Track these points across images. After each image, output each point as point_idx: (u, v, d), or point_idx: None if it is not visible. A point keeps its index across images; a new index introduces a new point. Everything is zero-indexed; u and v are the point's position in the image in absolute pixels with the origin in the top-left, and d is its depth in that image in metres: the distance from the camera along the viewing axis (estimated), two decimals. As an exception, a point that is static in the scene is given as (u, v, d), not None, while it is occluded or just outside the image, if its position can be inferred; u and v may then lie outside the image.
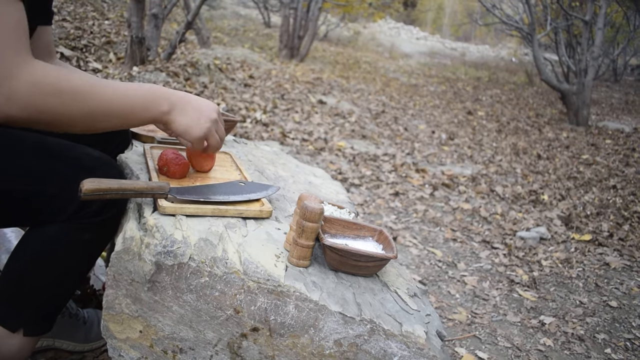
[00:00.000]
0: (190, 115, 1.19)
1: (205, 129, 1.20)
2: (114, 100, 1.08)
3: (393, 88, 9.88)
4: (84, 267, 1.25)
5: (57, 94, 1.00)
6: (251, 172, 1.51)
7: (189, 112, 1.19)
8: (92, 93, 1.05)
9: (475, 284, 2.81)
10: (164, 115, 1.16)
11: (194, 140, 1.21)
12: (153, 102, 1.14)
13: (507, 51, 23.71)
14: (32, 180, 1.11)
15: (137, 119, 1.13)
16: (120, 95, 1.09)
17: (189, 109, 1.19)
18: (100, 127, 1.10)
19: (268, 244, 1.14)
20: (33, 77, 0.97)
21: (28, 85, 0.96)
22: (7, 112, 0.96)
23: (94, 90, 1.06)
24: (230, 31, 13.25)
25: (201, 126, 1.20)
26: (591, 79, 7.86)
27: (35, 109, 0.98)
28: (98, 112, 1.07)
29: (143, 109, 1.13)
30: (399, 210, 3.76)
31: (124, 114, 1.10)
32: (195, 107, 1.20)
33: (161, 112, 1.16)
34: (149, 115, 1.15)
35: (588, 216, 4.03)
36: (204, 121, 1.20)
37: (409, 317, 1.10)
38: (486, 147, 6.20)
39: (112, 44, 5.95)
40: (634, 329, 2.53)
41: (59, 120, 1.02)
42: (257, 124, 5.20)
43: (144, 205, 1.16)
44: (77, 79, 1.04)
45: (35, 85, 0.97)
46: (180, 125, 1.18)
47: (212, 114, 1.22)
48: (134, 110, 1.12)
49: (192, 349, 1.09)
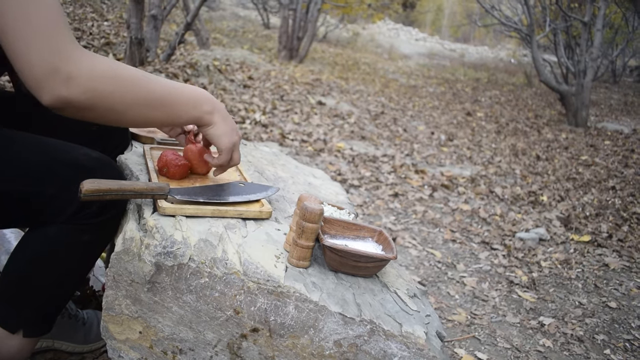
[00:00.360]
0: (228, 124, 1.21)
1: (235, 141, 1.23)
2: (166, 91, 1.10)
3: (392, 89, 9.88)
4: (83, 268, 1.25)
5: (115, 79, 1.01)
6: (251, 173, 1.51)
7: (228, 121, 1.21)
8: (146, 81, 1.07)
9: (474, 284, 2.81)
10: (207, 115, 1.18)
11: (226, 148, 1.22)
12: (200, 101, 1.16)
13: (506, 52, 23.74)
14: (31, 181, 1.11)
15: (185, 113, 1.14)
16: (170, 87, 1.11)
17: (227, 118, 1.22)
18: (152, 117, 1.10)
19: (268, 245, 1.14)
20: (90, 61, 0.97)
21: (87, 70, 0.96)
22: (68, 95, 0.95)
23: (147, 78, 1.07)
24: (230, 32, 13.26)
25: (233, 137, 1.22)
26: (590, 80, 7.86)
27: (95, 92, 0.98)
28: (153, 100, 1.08)
29: (190, 105, 1.15)
30: (398, 211, 3.76)
31: (174, 105, 1.12)
32: (231, 120, 1.23)
33: (205, 112, 1.17)
34: (195, 113, 1.16)
35: (587, 217, 4.03)
36: (235, 134, 1.23)
37: (408, 318, 1.10)
38: (485, 148, 6.20)
39: (111, 45, 5.95)
40: (633, 330, 2.53)
41: (116, 106, 1.02)
42: (257, 125, 5.20)
43: (144, 206, 1.16)
44: (128, 67, 1.05)
45: (93, 69, 0.97)
46: (218, 130, 1.20)
47: (239, 131, 1.26)
48: (182, 103, 1.13)
49: (192, 350, 1.09)
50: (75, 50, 0.96)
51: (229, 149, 1.23)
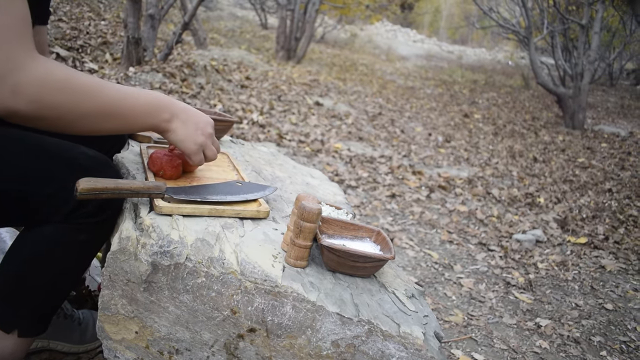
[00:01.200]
0: (188, 127, 1.19)
1: (201, 142, 1.21)
2: (120, 101, 1.08)
3: (390, 90, 9.89)
4: (79, 267, 1.24)
5: (65, 90, 0.98)
6: (248, 173, 1.51)
7: (188, 122, 1.19)
8: (98, 92, 1.04)
9: (471, 286, 2.81)
10: (164, 123, 1.16)
11: (191, 151, 1.21)
12: (156, 109, 1.15)
13: (504, 54, 23.78)
14: (28, 180, 1.10)
15: (140, 123, 1.13)
16: (125, 97, 1.09)
17: (186, 119, 1.20)
18: (104, 128, 1.09)
19: (265, 245, 1.13)
20: (40, 71, 0.95)
21: (35, 79, 0.94)
22: (13, 107, 0.94)
23: (100, 89, 1.05)
24: (227, 32, 13.25)
25: (197, 139, 1.21)
26: (587, 82, 7.88)
27: (42, 104, 0.96)
28: (104, 112, 1.05)
29: (146, 114, 1.13)
30: (396, 212, 3.76)
31: (128, 116, 1.10)
32: (193, 121, 1.21)
33: (162, 119, 1.16)
34: (151, 122, 1.14)
35: (584, 219, 4.04)
36: (200, 133, 1.21)
37: (406, 318, 1.09)
38: (482, 149, 6.20)
39: (108, 45, 5.94)
40: (630, 332, 2.53)
41: (65, 117, 1.01)
42: (254, 125, 5.20)
43: (140, 205, 1.15)
44: (84, 76, 1.03)
45: (42, 80, 0.95)
46: (178, 135, 1.19)
47: (207, 128, 1.23)
48: (137, 113, 1.11)
49: (189, 350, 1.08)
50: (27, 58, 0.94)
51: (195, 151, 1.21)
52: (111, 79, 4.76)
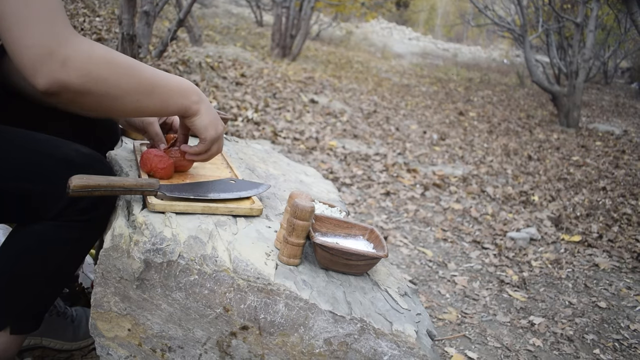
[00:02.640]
0: (211, 116, 1.22)
1: (220, 132, 1.24)
2: (157, 79, 1.10)
3: (385, 88, 9.89)
4: (72, 264, 1.24)
5: (111, 64, 1.01)
6: (242, 170, 1.51)
7: (211, 113, 1.22)
8: (138, 68, 1.07)
9: (465, 284, 2.81)
10: (194, 105, 1.18)
11: (211, 138, 1.23)
12: (187, 89, 1.17)
13: (499, 52, 23.82)
14: (20, 177, 1.10)
15: (174, 102, 1.15)
16: (160, 75, 1.12)
17: (210, 109, 1.22)
18: (145, 104, 1.10)
19: (258, 242, 1.13)
20: (85, 46, 0.97)
21: (83, 53, 0.96)
22: (65, 79, 0.95)
23: (139, 65, 1.08)
24: (222, 29, 13.22)
25: (218, 128, 1.24)
26: (582, 81, 7.90)
27: (90, 77, 0.97)
28: (145, 88, 1.07)
29: (180, 93, 1.15)
30: (390, 209, 3.76)
31: (165, 93, 1.12)
32: (213, 111, 1.24)
33: (192, 101, 1.18)
34: (185, 101, 1.16)
35: (578, 217, 4.05)
36: (220, 124, 1.24)
37: (399, 316, 1.09)
38: (477, 147, 6.21)
39: (103, 41, 5.92)
40: (623, 330, 2.54)
41: (110, 92, 1.02)
42: (249, 122, 5.19)
43: (133, 202, 1.15)
44: (121, 54, 1.06)
45: (89, 53, 0.97)
46: (204, 121, 1.20)
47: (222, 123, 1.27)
48: (173, 92, 1.14)
49: (181, 348, 1.08)
50: (72, 34, 0.96)
51: (214, 139, 1.24)
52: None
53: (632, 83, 16.13)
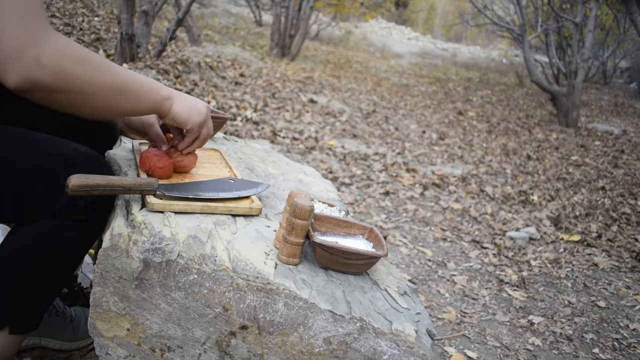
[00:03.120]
0: (188, 103, 1.22)
1: (204, 115, 1.25)
2: (128, 77, 1.10)
3: (384, 88, 9.89)
4: (71, 264, 1.24)
5: (83, 62, 1.00)
6: (241, 170, 1.50)
7: (187, 100, 1.22)
8: (111, 67, 1.06)
9: (464, 283, 2.81)
10: (165, 101, 1.18)
11: (196, 125, 1.24)
12: (156, 86, 1.17)
13: (498, 52, 23.81)
14: (19, 177, 1.09)
15: (146, 100, 1.14)
16: (132, 74, 1.12)
17: (185, 98, 1.22)
18: (117, 103, 1.09)
19: (257, 242, 1.13)
20: (60, 43, 0.96)
21: (57, 50, 0.95)
22: (37, 77, 0.94)
23: (112, 64, 1.07)
24: (221, 29, 13.21)
25: (200, 111, 1.24)
26: (581, 80, 7.90)
27: (63, 74, 0.96)
28: (117, 86, 1.07)
29: (151, 90, 1.15)
30: (389, 209, 3.76)
31: (137, 92, 1.11)
32: (189, 97, 1.24)
33: (164, 97, 1.17)
34: (155, 98, 1.16)
35: (577, 217, 4.05)
36: (201, 106, 1.25)
37: (399, 316, 1.09)
38: (476, 147, 6.21)
39: (101, 41, 5.91)
40: (622, 329, 2.54)
41: (84, 90, 1.01)
42: (248, 122, 5.19)
43: (132, 201, 1.15)
44: (95, 53, 1.05)
45: (63, 50, 0.96)
46: (181, 112, 1.20)
47: (205, 105, 1.27)
48: (145, 90, 1.13)
49: (180, 347, 1.08)
50: (47, 30, 0.95)
51: (200, 123, 1.25)
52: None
53: (631, 83, 16.14)
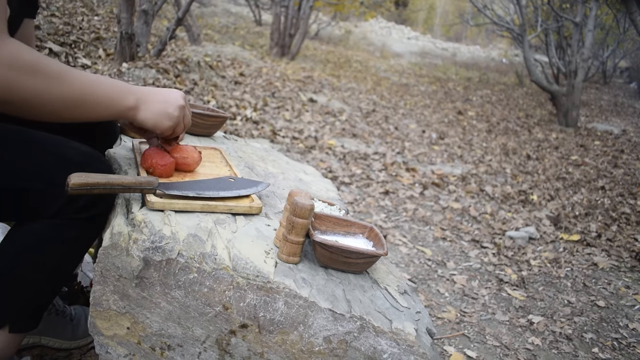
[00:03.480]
0: (157, 107, 1.18)
1: (175, 118, 1.21)
2: (85, 89, 1.06)
3: (384, 87, 9.88)
4: (71, 263, 1.24)
5: (33, 74, 0.97)
6: (241, 169, 1.50)
7: (155, 103, 1.18)
8: (65, 78, 1.03)
9: (464, 282, 2.81)
10: (130, 110, 1.15)
11: (164, 130, 1.20)
12: (121, 95, 1.13)
13: (498, 52, 23.81)
14: (19, 176, 1.09)
15: (104, 111, 1.11)
16: (90, 84, 1.08)
17: (154, 100, 1.18)
18: (68, 115, 1.07)
19: (258, 240, 1.13)
20: (9, 53, 0.94)
21: (9, 58, 0.93)
22: None
23: (67, 75, 1.03)
24: (221, 28, 13.21)
25: (170, 116, 1.20)
26: (581, 80, 7.90)
27: (8, 87, 0.95)
28: (70, 99, 1.04)
29: (111, 101, 1.11)
30: (389, 208, 3.76)
31: (93, 104, 1.08)
32: (161, 100, 1.19)
33: (127, 107, 1.14)
34: (116, 109, 1.13)
35: (577, 216, 4.05)
36: (172, 110, 1.20)
37: (399, 315, 1.09)
38: (476, 147, 6.21)
39: (101, 40, 5.91)
40: (621, 329, 2.54)
41: (31, 102, 0.99)
42: (248, 121, 5.19)
43: (132, 200, 1.15)
44: (52, 61, 1.02)
45: (11, 63, 0.94)
46: (149, 120, 1.17)
47: (179, 100, 1.22)
48: (102, 102, 1.10)
49: (181, 346, 1.08)
50: None
51: (170, 127, 1.21)
52: (104, 74, 4.73)
53: (630, 82, 16.14)
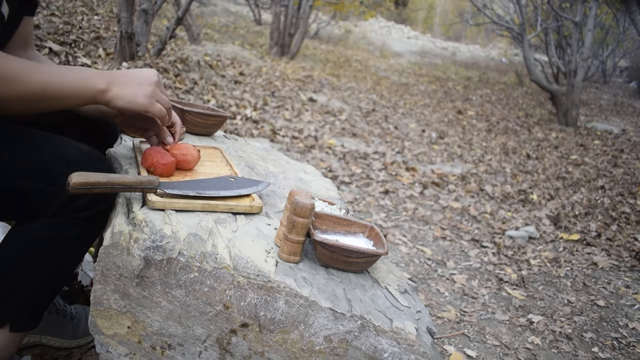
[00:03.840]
0: (130, 86, 1.17)
1: (149, 93, 1.19)
2: (50, 83, 1.07)
3: (384, 87, 9.88)
4: (71, 262, 1.24)
5: None
6: (241, 168, 1.50)
7: (128, 83, 1.17)
8: (25, 76, 1.04)
9: (464, 282, 2.81)
10: (101, 93, 1.14)
11: (144, 107, 1.18)
12: (89, 81, 1.13)
13: (498, 51, 23.80)
14: (19, 175, 1.09)
15: (75, 99, 1.12)
16: (55, 77, 1.08)
17: (126, 81, 1.17)
18: (35, 108, 1.08)
19: (258, 240, 1.13)
20: None
21: None
22: None
23: (28, 73, 1.04)
24: (221, 28, 13.20)
25: (145, 92, 1.18)
26: (580, 80, 7.90)
27: None
28: (33, 95, 1.05)
29: (80, 89, 1.11)
30: (389, 208, 3.76)
31: (60, 95, 1.09)
32: (133, 77, 1.18)
33: (98, 90, 1.13)
34: (87, 95, 1.13)
35: (576, 216, 4.05)
36: (146, 86, 1.18)
37: (399, 314, 1.09)
38: (476, 146, 6.21)
39: (101, 40, 5.91)
40: (621, 328, 2.54)
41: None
42: (247, 121, 5.18)
43: (133, 199, 1.15)
44: (13, 60, 1.03)
45: None
46: (123, 98, 1.16)
47: (151, 77, 1.20)
48: (69, 91, 1.10)
49: (181, 345, 1.08)
50: None
51: (149, 104, 1.19)
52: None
53: (630, 82, 16.14)
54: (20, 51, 1.33)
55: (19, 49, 1.32)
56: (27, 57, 1.33)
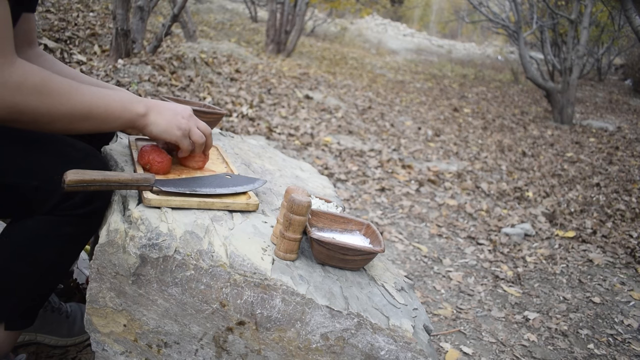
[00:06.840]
0: (166, 115, 1.21)
1: (183, 127, 1.22)
2: (93, 102, 1.09)
3: (380, 84, 9.88)
4: (67, 260, 1.23)
5: (40, 94, 1.00)
6: (238, 166, 1.50)
7: (165, 113, 1.21)
8: (73, 95, 1.06)
9: (460, 279, 2.82)
10: (140, 118, 1.17)
11: (175, 138, 1.22)
12: (130, 105, 1.16)
13: (493, 49, 23.83)
14: (14, 172, 1.09)
15: (115, 121, 1.14)
16: (98, 98, 1.11)
17: (163, 110, 1.21)
18: (78, 128, 1.10)
19: (255, 237, 1.13)
20: (16, 76, 0.97)
21: (12, 84, 0.96)
22: None
23: (74, 91, 1.06)
24: (217, 25, 13.18)
25: (179, 122, 1.22)
26: (576, 77, 7.92)
27: (16, 109, 0.98)
28: (77, 114, 1.07)
29: (121, 111, 1.14)
30: (385, 205, 3.76)
31: (102, 116, 1.11)
32: (169, 109, 1.22)
33: (138, 114, 1.17)
34: (126, 118, 1.15)
35: (572, 213, 4.06)
36: (180, 117, 1.22)
37: (396, 311, 1.09)
38: (472, 144, 6.22)
39: (96, 36, 5.89)
40: (617, 325, 2.55)
41: (40, 120, 1.03)
42: (244, 118, 5.18)
43: (129, 197, 1.14)
44: (59, 79, 1.04)
45: (18, 84, 0.97)
46: (159, 126, 1.20)
47: (186, 111, 1.25)
48: (111, 113, 1.13)
49: (177, 343, 1.08)
50: (4, 64, 0.96)
51: (181, 136, 1.22)
52: (99, 71, 4.72)
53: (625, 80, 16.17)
54: (25, 48, 1.33)
55: (22, 47, 1.32)
56: (32, 55, 1.33)
